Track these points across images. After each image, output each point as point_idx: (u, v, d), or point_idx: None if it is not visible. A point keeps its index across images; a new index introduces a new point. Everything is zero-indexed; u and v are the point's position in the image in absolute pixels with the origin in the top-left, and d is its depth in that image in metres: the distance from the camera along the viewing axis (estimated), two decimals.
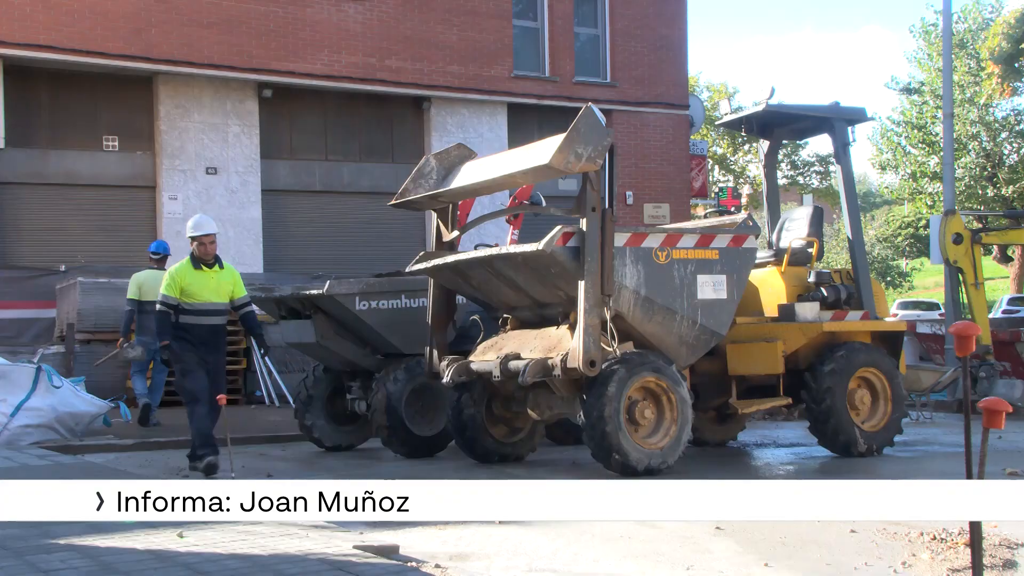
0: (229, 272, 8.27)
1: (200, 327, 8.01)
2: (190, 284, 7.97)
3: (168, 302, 7.98)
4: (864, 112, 9.71)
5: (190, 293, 7.97)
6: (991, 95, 30.69)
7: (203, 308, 8.02)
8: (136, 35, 15.39)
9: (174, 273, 8.03)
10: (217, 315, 8.13)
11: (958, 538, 4.87)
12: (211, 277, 8.08)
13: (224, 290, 8.17)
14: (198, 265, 8.06)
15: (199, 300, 7.99)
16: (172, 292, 7.96)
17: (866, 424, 8.50)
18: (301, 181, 17.34)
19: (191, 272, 8.03)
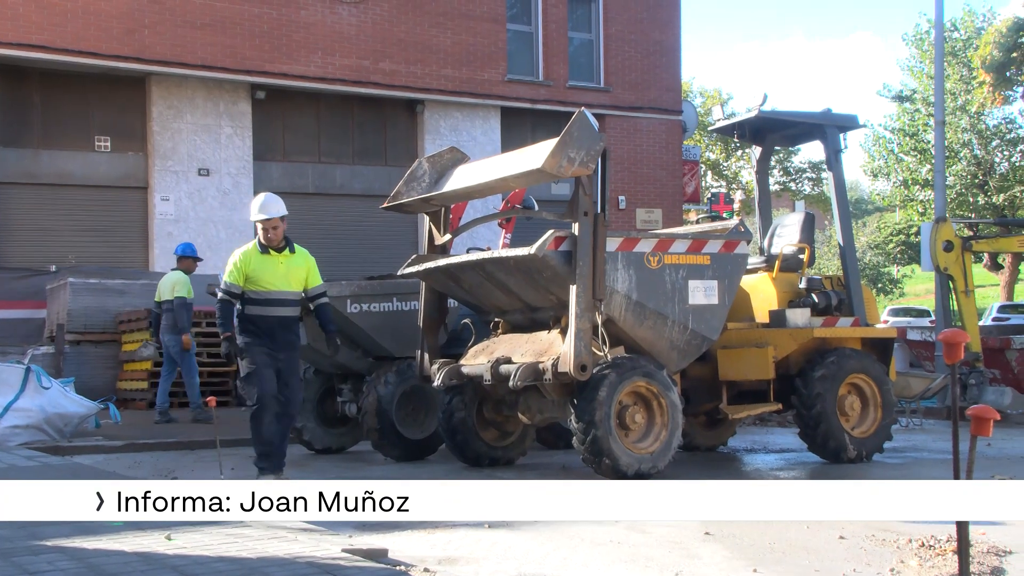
0: (302, 257, 7.35)
1: (268, 319, 7.12)
2: (256, 270, 7.09)
3: (231, 291, 7.10)
4: (856, 119, 9.74)
5: (256, 280, 7.10)
6: (983, 103, 30.83)
7: (271, 297, 7.13)
8: (129, 36, 15.37)
9: (239, 259, 7.15)
10: (287, 305, 7.21)
11: (946, 545, 4.88)
12: (280, 262, 7.17)
13: (296, 277, 7.26)
14: (265, 249, 7.16)
15: (266, 288, 7.11)
16: (235, 279, 7.10)
17: (856, 430, 8.52)
18: (294, 183, 17.31)
19: (257, 257, 7.14)
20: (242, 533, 4.83)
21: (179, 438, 10.30)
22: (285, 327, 7.20)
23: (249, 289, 7.11)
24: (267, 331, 7.10)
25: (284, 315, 7.19)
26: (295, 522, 5.08)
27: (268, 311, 7.13)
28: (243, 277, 7.10)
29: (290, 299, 7.22)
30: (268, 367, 7.05)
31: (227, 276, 7.13)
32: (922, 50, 34.62)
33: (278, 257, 7.17)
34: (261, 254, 7.15)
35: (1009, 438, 10.69)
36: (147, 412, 12.98)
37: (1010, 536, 5.22)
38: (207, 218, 16.27)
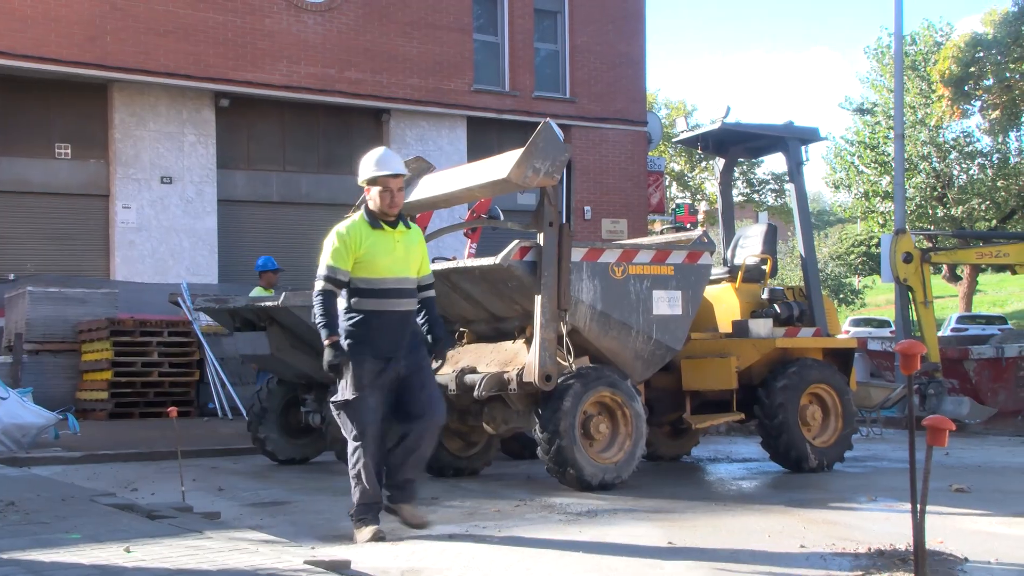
0: (417, 234, 5.76)
1: (385, 316, 5.49)
2: (369, 251, 5.47)
3: (335, 277, 5.46)
4: (817, 132, 9.87)
5: (368, 264, 5.48)
6: (941, 117, 31.36)
7: (388, 287, 5.50)
8: (91, 42, 15.22)
9: (346, 234, 5.49)
10: (408, 296, 5.61)
11: (904, 553, 4.94)
12: (397, 240, 5.57)
13: (414, 259, 5.67)
14: (377, 223, 5.53)
15: (382, 275, 5.49)
16: (342, 262, 5.46)
17: (817, 440, 8.60)
18: (258, 192, 17.22)
19: (369, 233, 5.50)
20: (203, 545, 4.78)
21: (139, 449, 10.17)
22: (405, 326, 5.58)
23: (357, 277, 5.49)
24: (383, 333, 5.48)
25: (405, 310, 5.58)
26: (256, 534, 5.04)
27: (385, 305, 5.48)
28: (352, 260, 5.46)
29: (411, 288, 5.62)
30: (376, 392, 5.48)
31: (330, 258, 5.47)
32: (883, 64, 35.17)
33: (394, 233, 5.56)
34: (373, 229, 5.51)
35: (967, 448, 10.85)
36: (106, 423, 12.82)
37: (967, 544, 5.30)
38: (170, 226, 16.12)
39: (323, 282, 5.48)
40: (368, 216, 5.57)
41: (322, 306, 5.45)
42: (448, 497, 7.22)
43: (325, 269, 5.49)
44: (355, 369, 5.44)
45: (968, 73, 27.27)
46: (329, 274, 5.48)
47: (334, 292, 5.49)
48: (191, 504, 6.43)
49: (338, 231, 5.53)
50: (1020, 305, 41.75)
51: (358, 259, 5.47)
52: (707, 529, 5.88)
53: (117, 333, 13.33)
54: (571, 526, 5.97)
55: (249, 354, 9.54)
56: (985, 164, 33.94)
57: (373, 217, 5.55)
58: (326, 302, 5.45)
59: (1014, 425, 12.97)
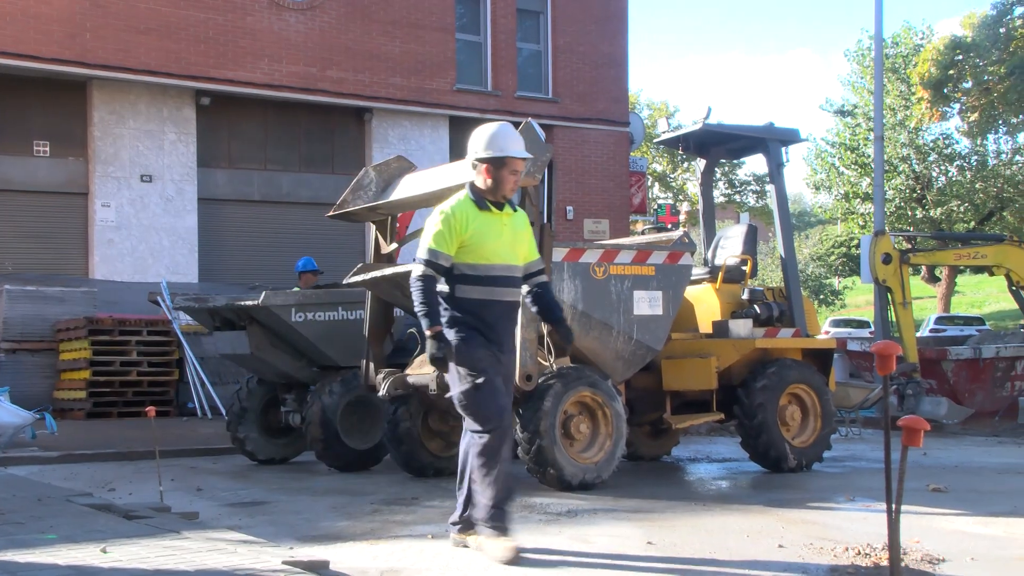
0: (523, 219, 5.31)
1: (491, 307, 5.05)
2: (476, 234, 5.01)
3: (436, 263, 4.98)
4: (797, 133, 9.92)
5: (475, 248, 5.01)
6: (921, 119, 31.57)
7: (495, 274, 5.05)
8: (70, 39, 15.10)
9: (451, 214, 5.00)
10: (515, 286, 5.19)
11: (881, 553, 4.97)
12: (505, 224, 5.12)
13: (521, 246, 5.22)
14: (485, 204, 5.06)
15: (489, 260, 5.03)
16: (445, 246, 4.97)
17: (796, 440, 8.64)
18: (239, 190, 17.14)
19: (476, 214, 5.03)
20: (180, 546, 4.75)
21: (117, 449, 10.11)
22: (511, 319, 5.19)
23: (462, 262, 5.02)
24: (488, 325, 5.03)
25: (512, 300, 5.14)
26: (235, 534, 5.02)
27: (492, 294, 5.04)
28: (456, 243, 4.98)
29: (518, 278, 5.18)
30: (499, 374, 5.04)
31: (432, 242, 4.98)
32: (863, 66, 35.39)
33: (501, 216, 5.10)
34: (480, 211, 5.04)
35: (945, 448, 10.93)
36: (84, 422, 12.74)
37: (943, 544, 5.34)
38: (149, 225, 16.02)
39: (423, 267, 4.97)
40: (475, 196, 5.05)
41: (422, 293, 4.94)
42: (428, 497, 7.21)
43: (426, 253, 4.98)
44: (470, 353, 4.96)
45: (947, 76, 27.47)
46: (430, 258, 4.96)
47: (435, 278, 4.99)
48: (169, 504, 6.39)
49: (442, 211, 5.00)
50: (998, 306, 42.11)
51: (463, 243, 4.97)
52: (686, 529, 5.89)
53: (96, 332, 13.25)
54: (551, 526, 5.97)
55: (229, 353, 9.50)
56: (964, 166, 34.22)
57: (481, 197, 5.05)
58: (426, 288, 4.95)
59: (991, 425, 13.08)
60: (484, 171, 5.07)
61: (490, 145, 5.07)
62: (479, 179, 5.10)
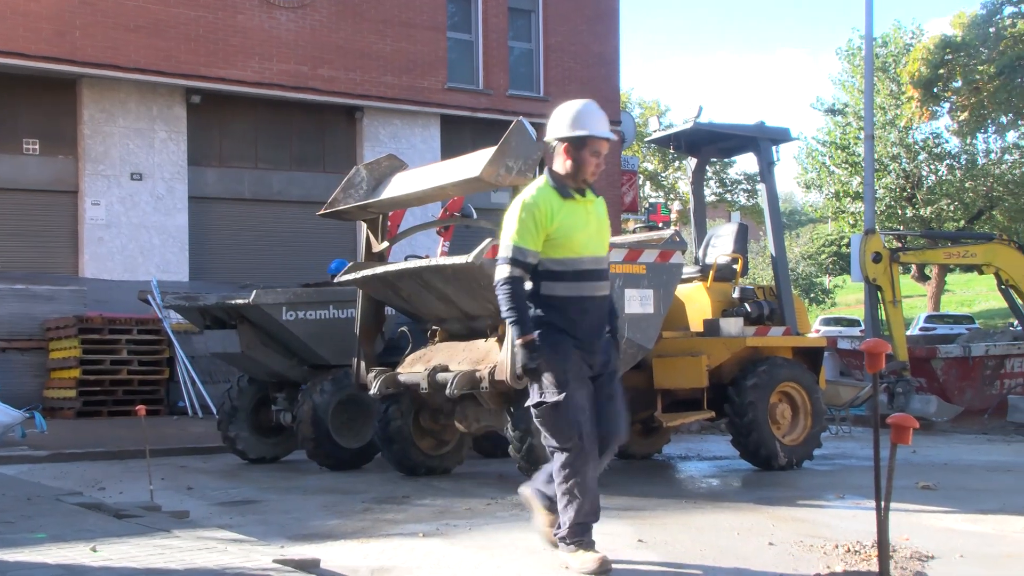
0: (603, 205, 4.82)
1: (582, 304, 4.56)
2: (562, 225, 4.51)
3: (524, 261, 4.49)
4: (788, 132, 9.94)
5: (562, 241, 4.52)
6: (911, 118, 31.68)
7: (584, 268, 4.56)
8: (59, 37, 15.05)
9: (535, 205, 4.50)
10: (605, 278, 4.70)
11: (871, 550, 4.99)
12: (590, 212, 4.65)
13: (606, 234, 4.79)
14: (567, 191, 4.57)
15: (577, 253, 4.54)
16: (531, 241, 4.48)
17: (787, 438, 8.66)
18: (230, 189, 17.10)
19: (560, 203, 4.53)
20: (170, 544, 4.74)
21: (107, 448, 10.08)
22: (604, 314, 4.67)
23: (547, 257, 4.52)
24: (582, 324, 4.55)
25: (604, 295, 4.65)
26: (225, 533, 5.01)
27: (583, 289, 4.54)
28: (543, 237, 4.48)
29: (607, 269, 4.70)
30: (583, 388, 4.54)
31: (516, 238, 4.47)
32: (854, 65, 35.50)
33: (586, 204, 4.63)
34: (564, 199, 4.54)
35: (934, 445, 10.97)
36: (74, 421, 12.70)
37: (933, 541, 5.36)
38: (140, 223, 15.98)
39: (509, 267, 4.45)
40: (555, 182, 4.53)
41: (510, 297, 4.44)
42: (419, 496, 7.21)
43: (511, 251, 4.45)
44: (557, 362, 4.47)
45: (937, 75, 27.56)
46: (516, 256, 4.44)
47: (523, 279, 4.47)
48: (159, 503, 6.38)
49: (525, 203, 4.47)
50: (987, 305, 42.28)
51: (550, 236, 4.46)
52: (677, 527, 5.91)
53: (85, 331, 13.21)
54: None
55: (219, 352, 9.48)
56: (954, 165, 34.35)
57: (562, 184, 4.53)
58: (515, 291, 4.44)
59: (980, 423, 13.13)
60: (563, 152, 4.55)
61: (573, 123, 4.55)
62: (558, 162, 4.58)
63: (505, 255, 4.50)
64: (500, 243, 4.59)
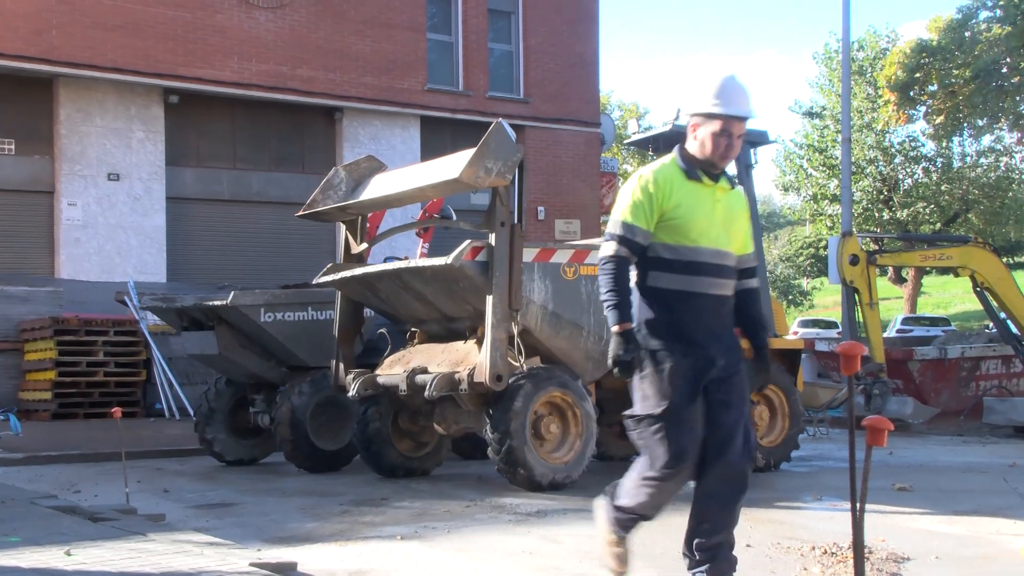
0: (740, 199, 4.15)
1: (695, 301, 3.92)
2: (680, 206, 3.92)
3: (632, 239, 3.90)
4: (766, 135, 10.00)
5: (678, 225, 3.91)
6: (887, 122, 31.90)
7: (704, 259, 3.93)
8: (36, 36, 14.92)
9: (652, 181, 3.94)
10: (727, 277, 4.02)
11: (847, 552, 5.02)
12: (719, 200, 4.01)
13: (737, 229, 4.08)
14: (695, 172, 3.98)
15: (696, 242, 3.92)
16: (643, 219, 3.90)
17: (764, 439, 8.70)
18: (208, 189, 17.00)
19: (683, 183, 3.96)
20: (146, 548, 4.71)
21: (83, 450, 9.99)
22: (721, 317, 4.01)
23: (659, 242, 3.93)
24: (691, 324, 3.90)
25: (721, 295, 3.99)
26: (201, 536, 4.98)
27: (696, 284, 3.92)
28: (657, 217, 3.92)
29: (730, 267, 4.04)
30: (691, 403, 3.86)
31: (627, 212, 3.92)
32: (831, 68, 35.72)
33: (715, 190, 4.01)
34: (689, 179, 3.97)
35: (911, 447, 11.05)
36: (50, 423, 12.59)
37: (909, 543, 5.40)
38: (117, 224, 15.85)
39: (615, 244, 3.90)
40: (683, 162, 3.99)
41: (612, 278, 3.87)
42: (398, 498, 7.20)
43: (619, 227, 3.92)
44: (660, 368, 3.85)
45: (914, 79, 27.75)
46: (624, 233, 3.90)
47: (628, 260, 3.91)
48: (135, 506, 6.33)
49: (641, 176, 3.97)
50: (963, 307, 42.66)
51: (665, 217, 3.90)
52: (656, 528, 5.89)
53: (61, 332, 13.09)
54: (520, 526, 5.98)
55: (197, 354, 9.42)
56: (930, 168, 34.63)
57: (691, 164, 3.98)
58: (618, 272, 3.88)
59: (956, 425, 13.24)
60: (692, 129, 4.01)
61: (706, 99, 3.97)
62: (690, 141, 4.03)
63: (613, 231, 3.94)
64: (611, 216, 4.03)
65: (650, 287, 3.95)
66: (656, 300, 3.93)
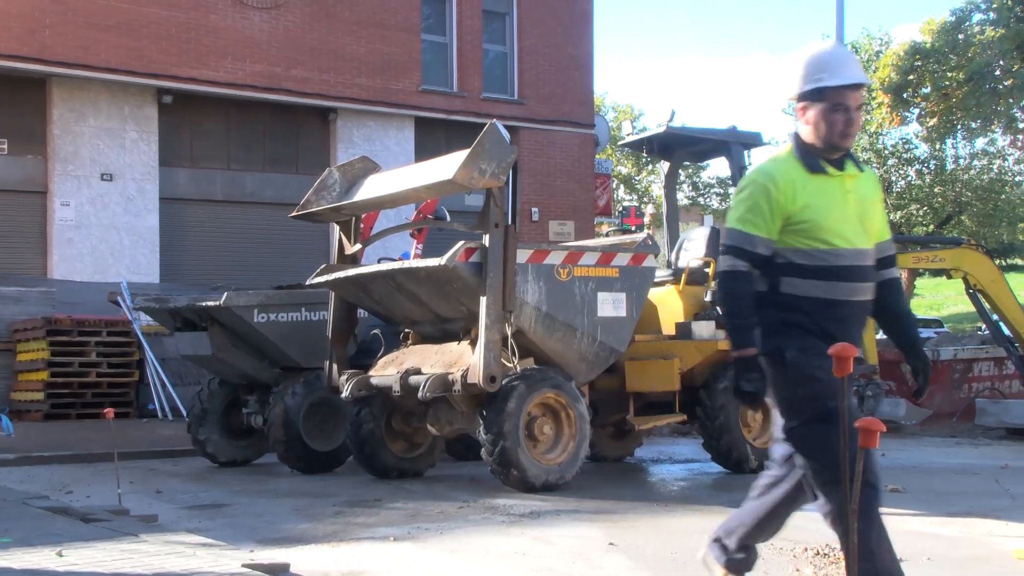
0: (872, 181, 3.67)
1: (836, 309, 3.46)
2: (808, 207, 3.44)
3: (753, 251, 3.47)
4: (760, 137, 10.01)
5: (808, 227, 3.44)
6: (881, 123, 31.98)
7: (842, 263, 3.46)
8: (29, 36, 14.88)
9: (769, 182, 3.46)
10: (867, 280, 3.56)
11: (840, 553, 5.02)
12: (849, 191, 3.52)
13: (873, 219, 3.60)
14: (818, 164, 3.49)
15: (831, 244, 3.45)
16: (763, 226, 3.45)
17: (758, 441, 8.70)
18: (202, 190, 16.97)
19: (805, 179, 3.47)
20: (138, 549, 4.69)
21: (75, 451, 9.97)
22: (861, 326, 3.59)
23: (789, 247, 3.47)
24: (829, 334, 3.40)
25: (863, 300, 3.54)
26: (194, 537, 4.97)
27: (834, 291, 3.45)
28: (781, 221, 3.45)
29: (870, 267, 3.57)
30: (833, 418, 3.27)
31: (742, 222, 3.48)
32: None
33: (843, 179, 3.52)
34: (812, 173, 3.48)
35: (904, 448, 11.07)
36: (42, 424, 12.55)
37: (901, 544, 5.39)
38: (110, 224, 15.82)
39: (731, 258, 3.48)
40: (801, 153, 3.50)
41: (730, 296, 3.49)
42: (391, 499, 7.19)
43: (735, 238, 3.47)
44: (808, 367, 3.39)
45: (907, 81, 27.84)
46: (742, 245, 3.45)
47: (749, 275, 3.47)
48: (127, 507, 6.30)
49: (756, 179, 3.48)
50: (956, 309, 42.76)
51: (792, 221, 3.42)
52: (648, 530, 5.92)
53: (54, 333, 13.06)
54: (514, 527, 5.98)
55: (190, 354, 9.41)
56: (923, 170, 34.73)
57: (810, 154, 3.48)
58: (737, 291, 3.47)
59: (949, 426, 13.27)
60: (800, 112, 3.51)
61: (807, 75, 3.47)
62: (801, 127, 3.53)
63: (730, 242, 3.49)
64: (725, 228, 3.59)
65: (785, 294, 3.48)
66: (793, 308, 3.46)
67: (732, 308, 3.51)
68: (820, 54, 3.52)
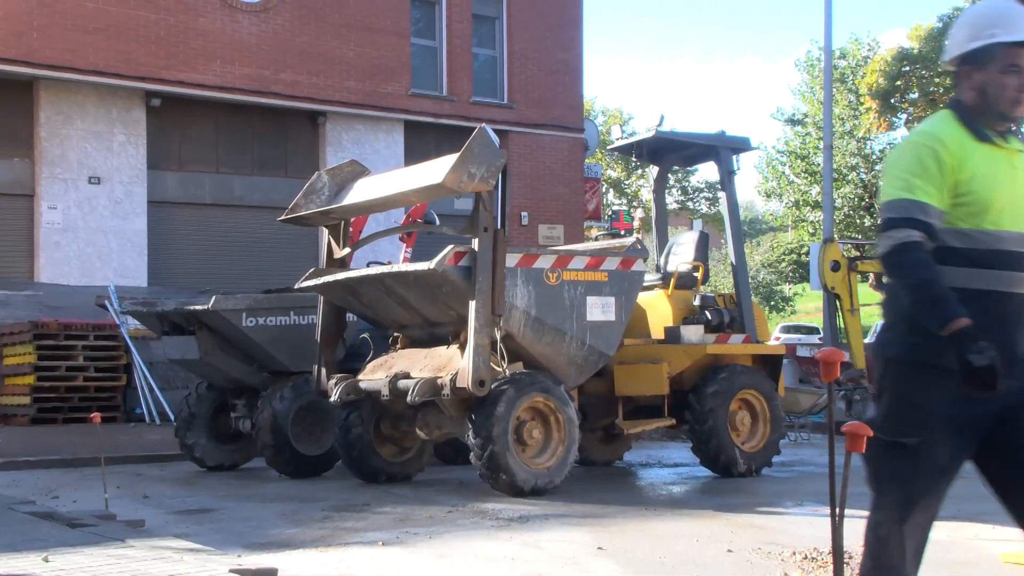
0: None
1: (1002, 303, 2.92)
2: (974, 178, 2.92)
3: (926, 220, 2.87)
4: (748, 142, 10.04)
5: (973, 203, 2.92)
6: (869, 129, 32.13)
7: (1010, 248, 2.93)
8: (16, 38, 14.81)
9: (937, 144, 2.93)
10: None
11: (827, 557, 5.04)
12: (1017, 166, 3.01)
13: None
14: (982, 132, 2.99)
15: (998, 224, 2.93)
16: (935, 194, 2.89)
17: (746, 445, 8.74)
18: (190, 193, 16.91)
19: (973, 146, 2.96)
20: (124, 554, 4.67)
21: (62, 455, 9.91)
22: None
23: (950, 226, 2.93)
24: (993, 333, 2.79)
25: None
26: (181, 542, 4.95)
27: (999, 281, 2.93)
28: (952, 190, 2.92)
29: None
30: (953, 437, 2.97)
31: (909, 188, 2.90)
32: (813, 76, 35.96)
33: (1010, 153, 3.03)
34: (979, 142, 2.98)
35: None
36: (28, 428, 12.48)
37: None
38: (97, 227, 15.75)
39: (904, 230, 2.88)
40: (963, 117, 3.00)
41: (915, 267, 2.86)
42: (379, 503, 7.17)
43: (902, 208, 2.89)
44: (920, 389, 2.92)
45: (895, 86, 27.99)
46: (913, 214, 2.88)
47: (923, 245, 2.87)
48: (114, 512, 6.28)
49: (918, 140, 2.99)
50: None
51: (957, 192, 2.91)
52: (636, 534, 5.92)
53: (40, 336, 12.99)
54: (502, 532, 5.97)
55: (178, 359, 9.37)
56: None
57: (973, 120, 2.99)
58: (920, 259, 2.87)
59: None
60: (966, 78, 3.04)
61: (973, 32, 3.00)
62: (965, 93, 3.05)
63: (892, 215, 2.91)
64: (882, 201, 3.00)
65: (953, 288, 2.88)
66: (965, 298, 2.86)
67: (920, 280, 2.85)
68: (993, 5, 3.04)
